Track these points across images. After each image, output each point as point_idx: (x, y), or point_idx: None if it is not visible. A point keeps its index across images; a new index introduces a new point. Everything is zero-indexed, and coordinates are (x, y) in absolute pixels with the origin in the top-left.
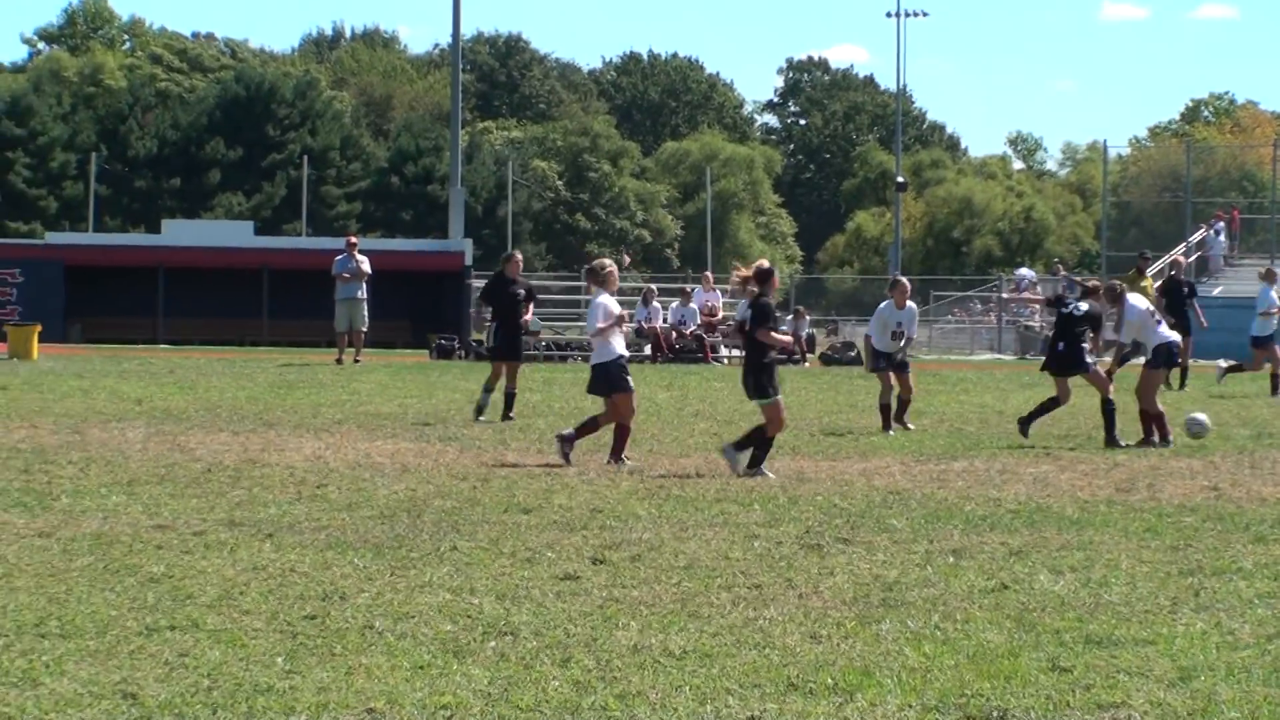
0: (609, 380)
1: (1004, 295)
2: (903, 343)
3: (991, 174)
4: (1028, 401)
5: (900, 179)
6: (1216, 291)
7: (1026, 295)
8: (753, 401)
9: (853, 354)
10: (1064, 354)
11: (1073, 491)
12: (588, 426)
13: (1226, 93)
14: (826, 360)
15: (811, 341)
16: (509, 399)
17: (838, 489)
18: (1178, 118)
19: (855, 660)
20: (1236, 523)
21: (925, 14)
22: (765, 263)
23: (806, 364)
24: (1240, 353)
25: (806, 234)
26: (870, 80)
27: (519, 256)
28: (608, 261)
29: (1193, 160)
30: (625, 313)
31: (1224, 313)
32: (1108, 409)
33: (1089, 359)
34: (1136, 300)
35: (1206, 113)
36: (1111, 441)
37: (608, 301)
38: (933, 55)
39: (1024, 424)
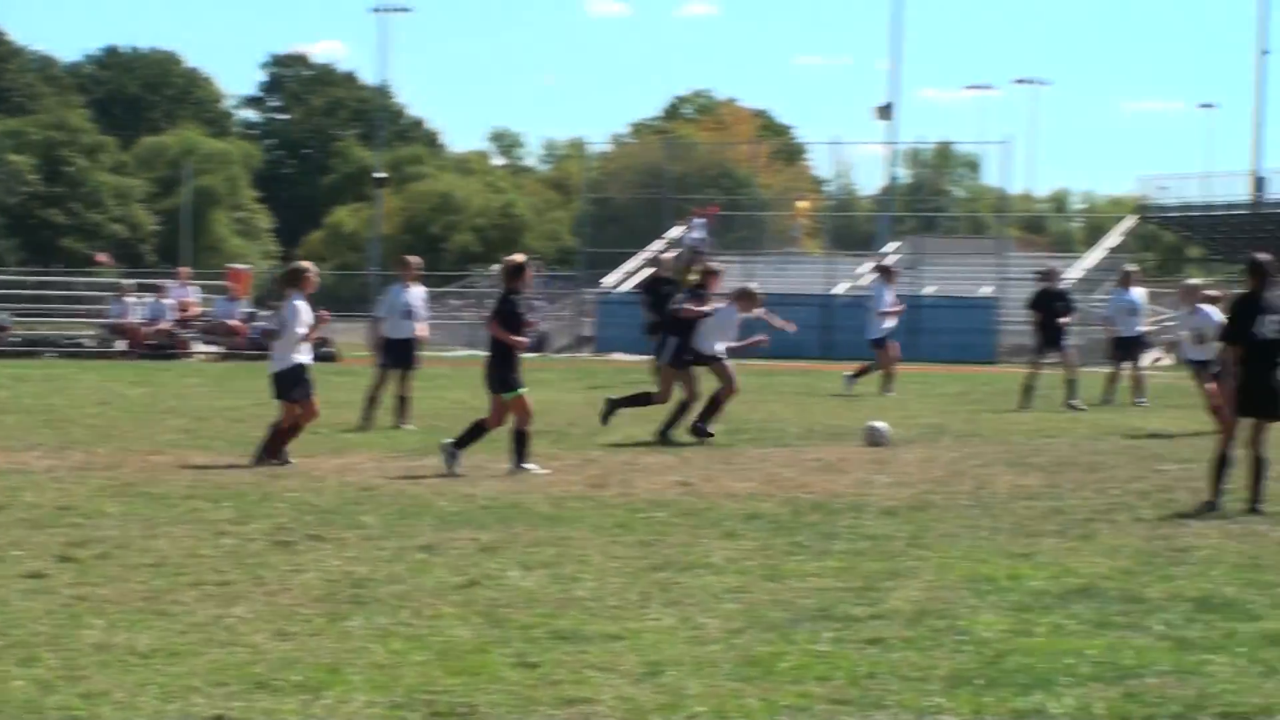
0: (289, 386)
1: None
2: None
3: (471, 170)
4: None
5: (380, 174)
6: None
7: None
8: (494, 394)
9: (328, 349)
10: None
11: (546, 487)
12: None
13: (707, 89)
14: None
15: None
16: None
17: (310, 486)
18: (660, 114)
19: (323, 657)
20: (707, 518)
21: (407, 9)
22: (519, 257)
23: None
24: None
25: (286, 229)
26: (351, 76)
27: None
28: (308, 264)
29: (673, 157)
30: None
31: None
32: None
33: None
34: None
35: (688, 110)
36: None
37: (303, 306)
38: (414, 50)
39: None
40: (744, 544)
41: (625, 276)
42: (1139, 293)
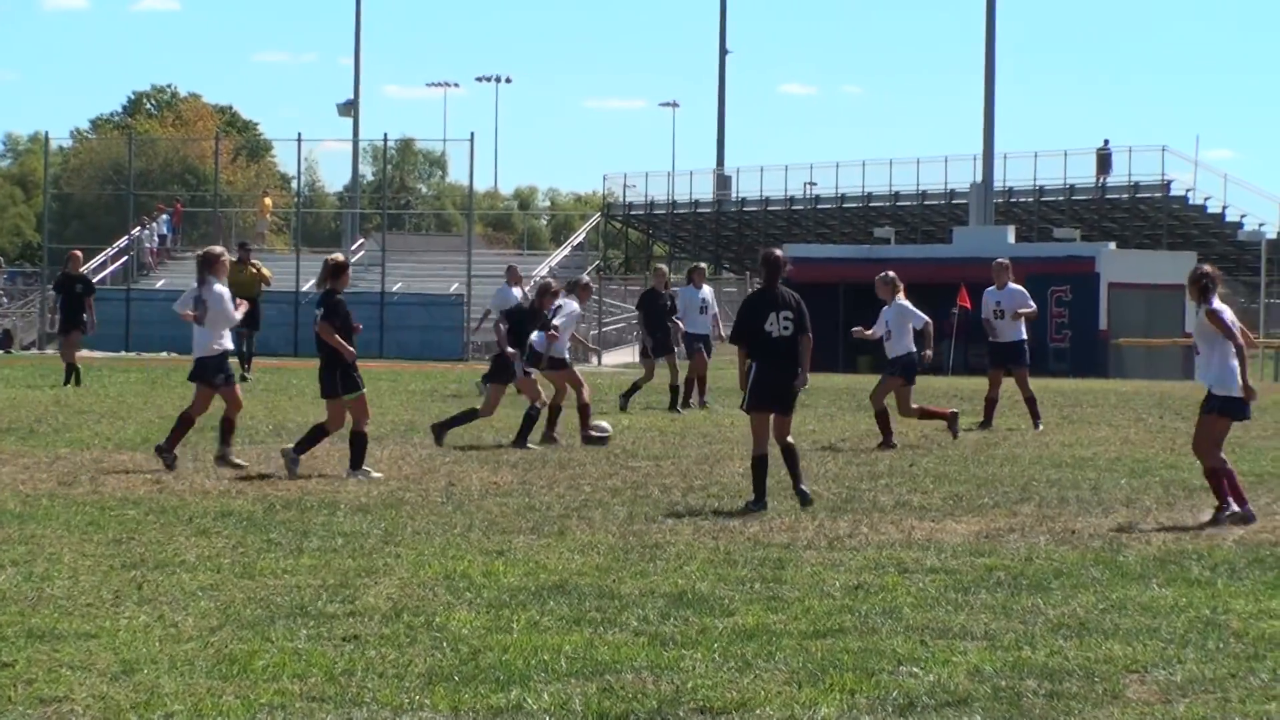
0: (205, 373)
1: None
2: None
3: None
4: None
5: None
6: (159, 284)
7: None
8: (328, 398)
9: None
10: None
11: (14, 485)
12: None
13: (170, 85)
14: None
15: None
16: None
17: None
18: (121, 110)
19: None
20: (180, 515)
21: None
22: (339, 256)
23: None
24: (181, 344)
25: None
26: None
27: None
28: (221, 248)
29: (135, 153)
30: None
31: (166, 305)
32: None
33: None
34: None
35: (150, 105)
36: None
37: (224, 291)
38: None
39: (439, 430)
40: (217, 541)
41: (90, 273)
42: (707, 290)
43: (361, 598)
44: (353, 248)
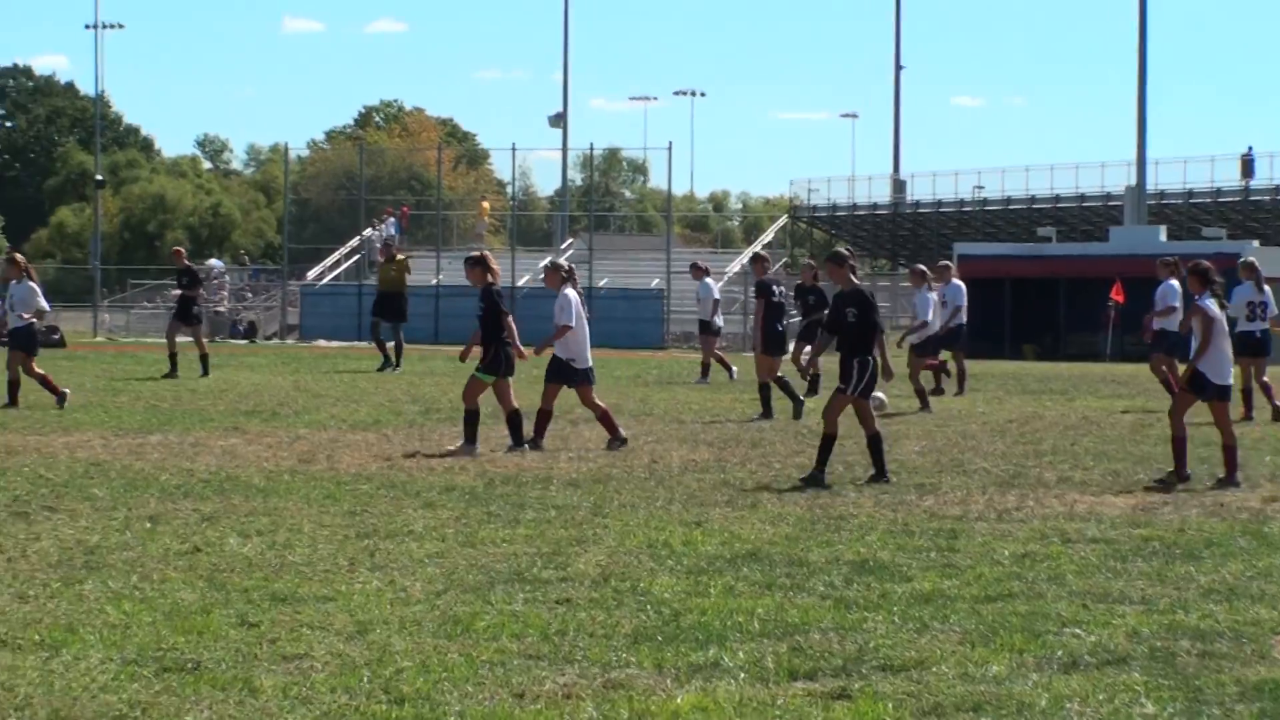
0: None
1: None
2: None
3: (183, 173)
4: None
5: (99, 177)
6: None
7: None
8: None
9: (56, 336)
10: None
11: (259, 462)
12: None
13: (396, 100)
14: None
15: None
16: None
17: (43, 461)
18: (352, 122)
19: (60, 618)
20: (408, 490)
21: (122, 25)
22: (477, 252)
23: None
24: (406, 333)
25: (12, 228)
26: (71, 86)
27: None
28: (564, 261)
29: (366, 162)
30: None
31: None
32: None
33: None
34: None
35: (379, 118)
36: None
37: (575, 298)
38: (129, 63)
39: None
40: (442, 513)
41: (325, 270)
42: (958, 284)
43: (573, 564)
44: (562, 246)
